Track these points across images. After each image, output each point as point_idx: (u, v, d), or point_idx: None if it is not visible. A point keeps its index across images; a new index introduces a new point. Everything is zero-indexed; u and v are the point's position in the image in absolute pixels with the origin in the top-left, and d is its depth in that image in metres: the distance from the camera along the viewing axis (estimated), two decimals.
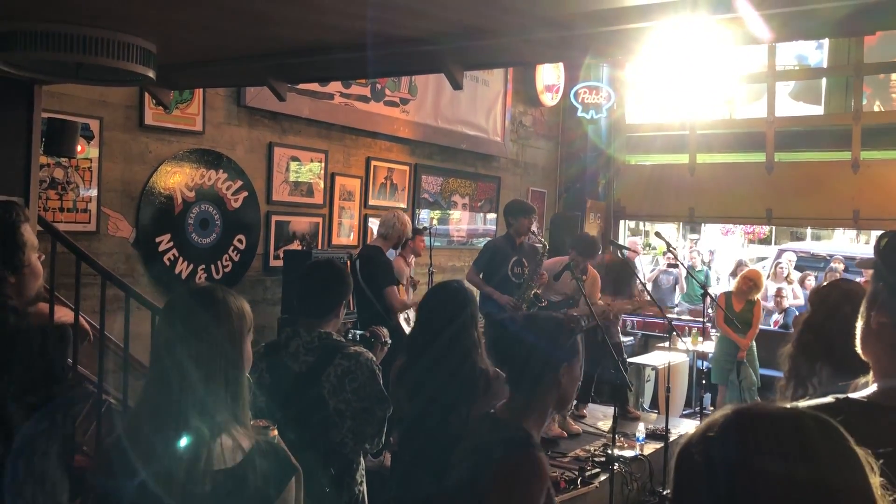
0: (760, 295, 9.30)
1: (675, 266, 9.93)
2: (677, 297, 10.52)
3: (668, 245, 6.64)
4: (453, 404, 2.65)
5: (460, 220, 7.95)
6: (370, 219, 6.64)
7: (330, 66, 3.29)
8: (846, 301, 1.84)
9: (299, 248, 6.02)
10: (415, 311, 5.10)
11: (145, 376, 1.75)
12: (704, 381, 6.99)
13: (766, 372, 6.54)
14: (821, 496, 0.80)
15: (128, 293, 3.66)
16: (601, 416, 5.90)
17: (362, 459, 2.74)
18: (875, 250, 1.32)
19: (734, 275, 8.91)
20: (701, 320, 7.96)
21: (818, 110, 8.61)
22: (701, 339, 7.16)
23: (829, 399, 1.27)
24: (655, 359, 7.10)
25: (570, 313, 5.10)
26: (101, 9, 2.47)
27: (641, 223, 11.21)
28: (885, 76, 8.46)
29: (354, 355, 2.60)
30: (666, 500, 4.63)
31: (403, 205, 7.02)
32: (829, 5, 2.05)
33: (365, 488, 2.76)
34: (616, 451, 4.59)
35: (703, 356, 7.20)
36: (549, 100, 8.89)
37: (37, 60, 2.82)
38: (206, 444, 1.54)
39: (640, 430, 5.20)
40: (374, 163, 6.76)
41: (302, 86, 5.60)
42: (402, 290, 5.43)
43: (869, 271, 1.34)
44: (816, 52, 8.90)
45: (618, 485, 4.35)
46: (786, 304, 8.59)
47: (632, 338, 8.33)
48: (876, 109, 8.42)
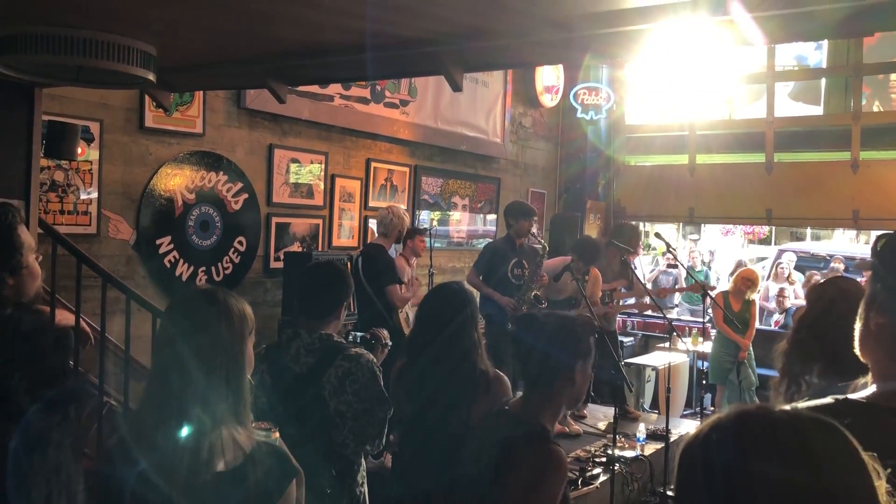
0: (760, 295, 9.35)
1: (675, 266, 9.94)
2: (677, 298, 10.54)
3: (668, 245, 6.64)
4: (453, 404, 2.65)
5: (460, 221, 7.95)
6: (370, 220, 6.64)
7: (330, 68, 3.29)
8: (841, 299, 1.85)
9: (300, 249, 6.03)
10: (413, 306, 5.12)
11: (147, 376, 1.76)
12: (705, 382, 6.99)
13: (765, 372, 6.54)
14: (820, 501, 0.80)
15: (128, 295, 3.67)
16: (601, 417, 5.90)
17: (363, 461, 2.75)
18: (872, 252, 1.32)
19: (734, 275, 8.90)
20: (701, 321, 7.96)
21: (818, 111, 8.61)
22: (701, 339, 7.16)
23: (829, 400, 1.27)
24: (656, 359, 7.09)
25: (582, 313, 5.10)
26: (102, 12, 2.48)
27: (641, 224, 11.18)
28: (885, 76, 8.45)
29: (355, 357, 2.60)
30: (667, 500, 4.64)
31: (403, 206, 7.01)
32: (828, 7, 2.05)
33: (366, 489, 2.76)
34: (617, 452, 4.59)
35: (703, 356, 7.20)
36: (549, 101, 8.89)
37: (37, 63, 2.82)
38: (208, 435, 1.55)
39: (641, 430, 5.20)
40: (374, 164, 6.77)
41: (302, 88, 5.60)
42: (403, 290, 5.43)
43: (868, 272, 1.35)
44: (816, 53, 8.90)
45: (618, 485, 4.35)
46: (787, 304, 8.59)
47: (632, 338, 8.33)
48: (875, 109, 8.41)
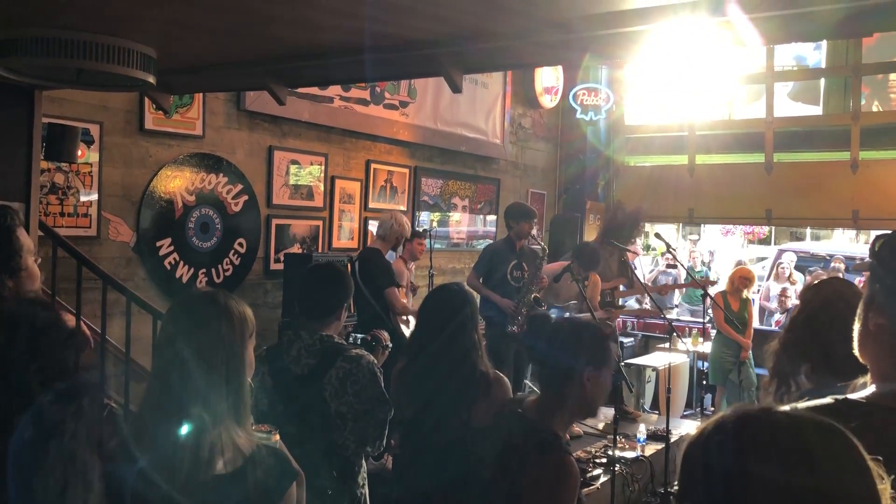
0: (761, 295, 9.35)
1: (674, 267, 9.93)
2: (677, 298, 10.54)
3: (668, 246, 6.64)
4: (452, 405, 2.65)
5: (460, 222, 7.95)
6: (370, 222, 6.64)
7: (329, 70, 3.30)
8: (833, 301, 1.86)
9: (300, 251, 6.03)
10: (415, 318, 5.12)
11: (148, 377, 1.76)
12: (705, 382, 6.98)
13: (764, 372, 6.53)
14: (820, 502, 0.79)
15: (129, 297, 3.68)
16: (601, 417, 5.89)
17: (364, 462, 2.75)
18: (870, 252, 1.32)
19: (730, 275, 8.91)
20: (701, 321, 7.96)
21: (817, 111, 8.61)
22: (701, 339, 7.16)
23: (829, 400, 1.27)
24: (656, 360, 7.09)
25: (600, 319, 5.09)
26: (102, 14, 2.48)
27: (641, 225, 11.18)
28: (884, 76, 8.45)
29: (356, 358, 2.61)
30: (668, 501, 4.64)
31: (403, 207, 7.02)
32: (826, 8, 2.06)
33: (367, 490, 2.76)
34: (617, 453, 4.59)
35: (703, 357, 7.20)
36: (549, 102, 8.90)
37: (37, 66, 2.83)
38: (208, 434, 1.55)
39: (641, 431, 5.20)
40: (373, 166, 6.77)
41: (301, 89, 5.60)
42: (402, 293, 5.42)
43: (867, 273, 1.35)
44: (815, 53, 8.90)
45: (619, 486, 4.35)
46: (789, 304, 8.59)
47: (632, 339, 8.33)
48: (874, 109, 8.41)
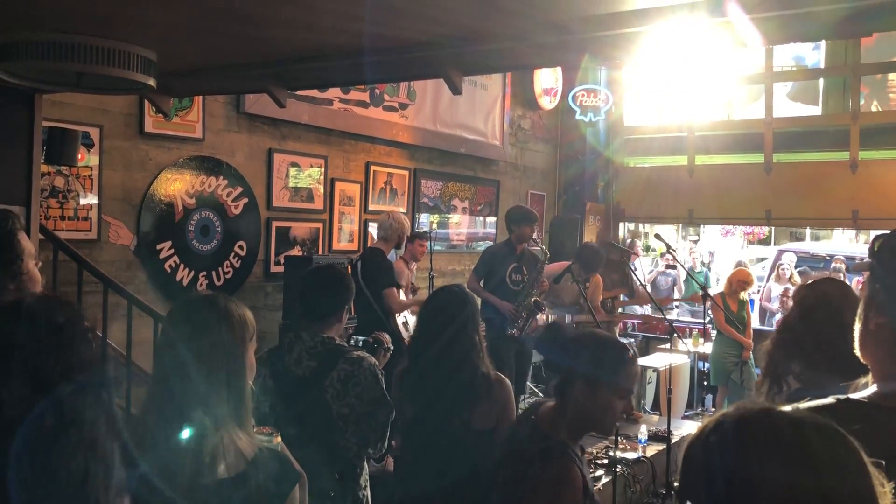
0: (762, 295, 9.35)
1: (674, 267, 9.93)
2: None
3: (668, 246, 6.63)
4: (453, 406, 2.65)
5: (460, 224, 7.95)
6: (370, 224, 6.64)
7: (329, 72, 3.30)
8: (824, 301, 1.87)
9: (300, 253, 6.03)
10: (412, 313, 5.12)
11: (149, 380, 1.76)
12: (706, 383, 6.98)
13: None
14: (820, 502, 0.79)
15: (129, 300, 3.68)
16: None
17: (366, 464, 2.75)
18: (870, 253, 1.32)
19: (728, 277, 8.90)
20: (701, 321, 7.96)
21: (816, 111, 8.61)
22: (702, 340, 7.15)
23: (830, 400, 1.27)
24: (657, 360, 7.08)
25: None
26: (101, 18, 2.48)
27: (641, 225, 11.19)
28: (883, 76, 8.46)
29: (357, 360, 2.61)
30: (669, 500, 4.64)
31: (403, 209, 7.02)
32: (826, 8, 2.06)
33: (369, 492, 2.76)
34: (618, 453, 4.59)
35: (704, 357, 7.19)
36: (548, 103, 8.90)
37: (38, 69, 2.83)
38: (210, 438, 1.55)
39: (643, 431, 5.19)
40: (373, 168, 6.77)
41: (301, 92, 5.61)
42: (401, 294, 5.42)
43: (866, 273, 1.35)
44: (814, 53, 8.91)
45: (621, 487, 4.34)
46: (790, 304, 8.56)
47: (633, 339, 8.33)
48: (874, 109, 8.41)
